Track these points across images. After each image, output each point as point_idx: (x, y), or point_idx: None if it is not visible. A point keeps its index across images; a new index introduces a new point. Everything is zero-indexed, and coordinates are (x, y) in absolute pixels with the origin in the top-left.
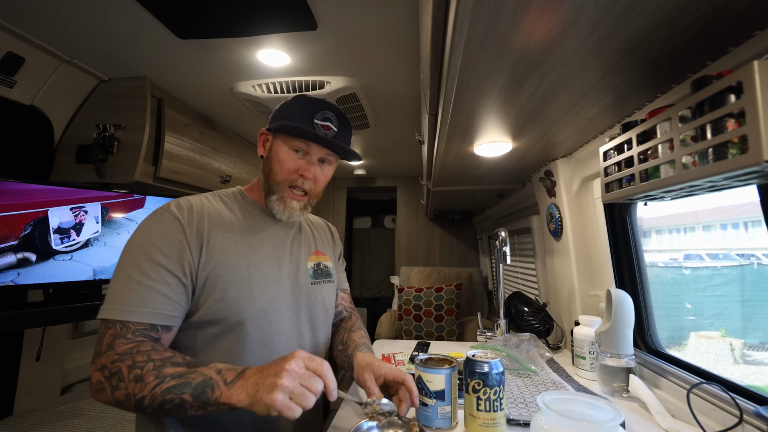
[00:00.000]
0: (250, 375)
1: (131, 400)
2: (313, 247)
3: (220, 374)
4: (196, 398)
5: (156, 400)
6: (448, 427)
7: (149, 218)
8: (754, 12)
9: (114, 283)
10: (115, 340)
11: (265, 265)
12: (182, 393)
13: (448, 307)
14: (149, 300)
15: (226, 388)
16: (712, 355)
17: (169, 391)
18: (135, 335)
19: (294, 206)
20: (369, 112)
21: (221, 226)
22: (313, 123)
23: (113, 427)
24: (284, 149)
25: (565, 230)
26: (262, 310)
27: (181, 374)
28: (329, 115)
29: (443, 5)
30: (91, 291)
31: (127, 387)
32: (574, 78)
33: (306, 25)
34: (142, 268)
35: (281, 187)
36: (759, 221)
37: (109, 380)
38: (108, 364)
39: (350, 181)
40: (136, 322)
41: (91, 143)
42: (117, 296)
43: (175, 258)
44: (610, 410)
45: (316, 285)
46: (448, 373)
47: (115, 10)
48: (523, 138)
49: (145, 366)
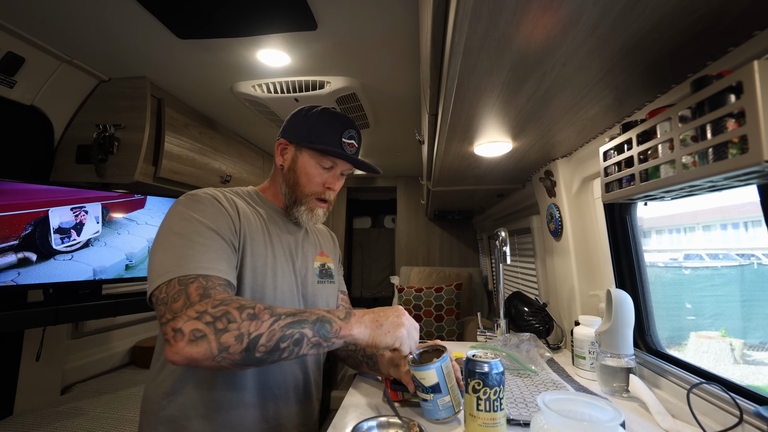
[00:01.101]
0: (361, 314)
1: (243, 340)
2: (318, 248)
3: (330, 313)
4: (316, 332)
5: (274, 336)
6: (453, 415)
7: (189, 198)
8: (754, 12)
9: (170, 249)
10: (207, 290)
11: (283, 260)
12: (302, 328)
13: (448, 307)
14: (220, 261)
15: (343, 323)
16: (712, 355)
17: (289, 326)
18: (221, 288)
19: (320, 213)
20: (369, 112)
21: (247, 216)
22: (342, 142)
23: (113, 427)
24: (312, 164)
25: (565, 230)
26: (281, 300)
27: (293, 313)
28: (353, 134)
29: (443, 5)
30: (91, 291)
31: (239, 327)
32: (574, 78)
33: (306, 25)
34: (202, 234)
35: (309, 199)
36: (759, 221)
37: (214, 324)
38: (209, 309)
39: (350, 181)
40: (217, 276)
41: (91, 143)
42: (184, 257)
43: (229, 228)
44: (610, 410)
45: (321, 284)
46: (438, 366)
47: (115, 10)
48: (523, 138)
49: (255, 306)
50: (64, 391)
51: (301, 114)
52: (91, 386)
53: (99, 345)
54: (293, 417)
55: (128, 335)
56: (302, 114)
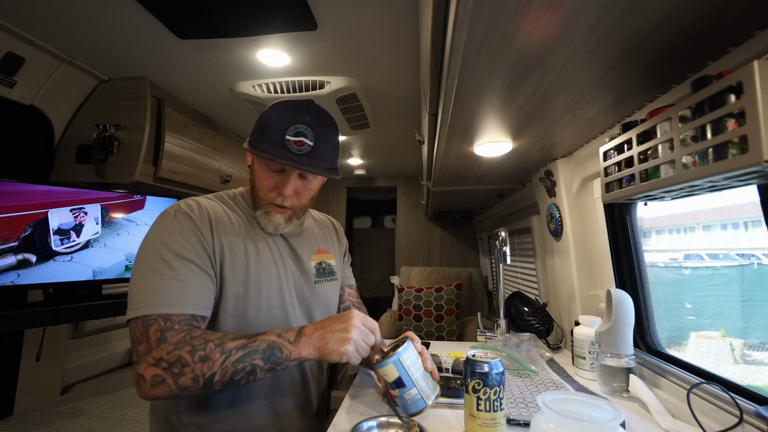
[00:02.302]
0: (310, 332)
1: (199, 381)
2: (315, 245)
3: (281, 337)
4: (267, 361)
5: (227, 372)
6: (424, 408)
7: (161, 219)
8: (754, 12)
9: (140, 282)
10: (164, 333)
11: (270, 264)
12: (253, 360)
13: (448, 307)
14: (185, 293)
15: (293, 346)
16: (712, 355)
17: (239, 360)
18: (181, 325)
19: (278, 220)
20: (369, 112)
21: (227, 225)
22: (285, 140)
23: (113, 427)
24: (262, 166)
25: (565, 230)
26: (268, 307)
27: (244, 345)
28: (302, 129)
29: (443, 5)
30: (91, 291)
31: (193, 369)
32: (574, 78)
33: (306, 25)
34: (169, 264)
35: (265, 204)
36: (759, 221)
37: (170, 369)
38: (164, 355)
39: (350, 181)
40: (178, 314)
41: (91, 143)
42: (149, 293)
43: (198, 251)
44: (610, 410)
45: (319, 284)
46: (395, 360)
47: (115, 10)
48: (523, 138)
49: (206, 347)
50: (64, 391)
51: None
52: (91, 386)
53: (99, 345)
54: (293, 418)
55: (128, 335)
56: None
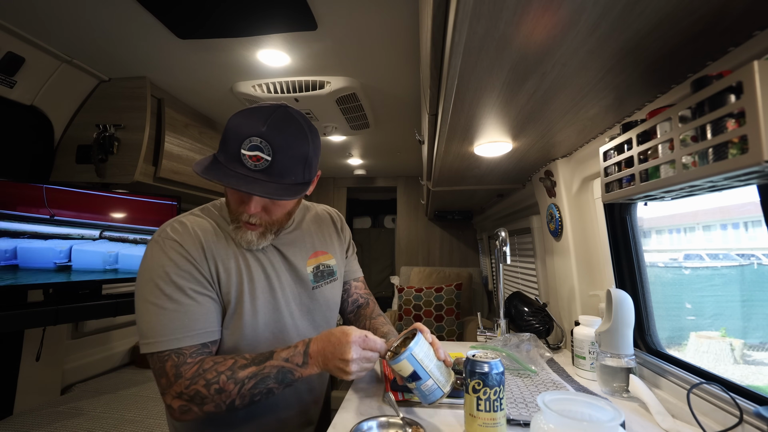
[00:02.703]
0: (314, 353)
1: (222, 407)
2: (311, 248)
3: (289, 361)
4: (281, 383)
5: (246, 397)
6: (442, 395)
7: (151, 250)
8: (754, 12)
9: (146, 317)
10: (179, 369)
11: (261, 279)
12: (267, 385)
13: (448, 307)
14: (191, 323)
15: (302, 369)
16: (712, 355)
17: (255, 387)
18: (194, 357)
19: (250, 237)
20: (369, 112)
21: (217, 244)
22: (240, 155)
23: (113, 427)
24: None
25: (565, 230)
26: (265, 323)
27: (255, 374)
28: (257, 143)
29: (443, 5)
30: (91, 291)
31: (213, 400)
32: (574, 78)
33: (306, 25)
34: (169, 297)
35: (234, 218)
36: (759, 221)
37: (193, 401)
38: (184, 390)
39: (350, 181)
40: (188, 346)
41: (91, 143)
42: (158, 328)
43: (193, 279)
44: (610, 410)
45: (317, 289)
46: (408, 355)
47: (115, 10)
48: (523, 138)
49: (219, 379)
50: (64, 391)
51: None
52: (91, 386)
53: (99, 345)
54: (293, 417)
55: (128, 335)
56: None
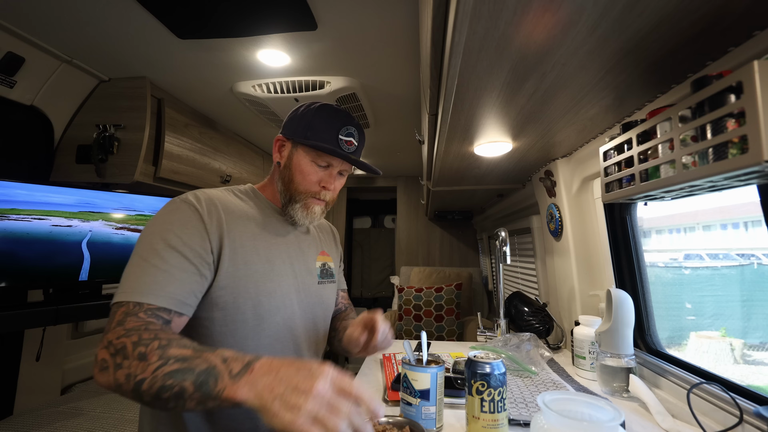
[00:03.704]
0: (260, 372)
1: (130, 381)
2: (319, 247)
3: (226, 363)
4: (198, 388)
5: (155, 384)
6: (432, 430)
7: (166, 208)
8: (753, 12)
9: (129, 268)
10: (126, 317)
11: (280, 263)
12: (183, 380)
13: (448, 307)
14: (165, 284)
15: (231, 381)
16: (712, 355)
17: (171, 375)
18: (147, 314)
19: (317, 210)
20: (369, 112)
21: (239, 219)
22: (338, 139)
23: (113, 427)
24: (307, 161)
25: (565, 230)
26: (277, 306)
27: (185, 357)
28: (352, 131)
29: (443, 5)
30: (91, 291)
31: (129, 366)
32: (574, 78)
33: (306, 25)
34: (159, 254)
35: (304, 197)
36: (759, 221)
37: (114, 357)
38: (114, 339)
39: (350, 181)
40: (149, 303)
41: (91, 143)
42: (132, 281)
43: (194, 246)
44: (610, 410)
45: (321, 285)
46: (434, 373)
47: (115, 10)
48: (523, 138)
49: (150, 344)
50: (64, 391)
51: (300, 110)
52: (91, 386)
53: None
54: None
55: None
56: (301, 110)
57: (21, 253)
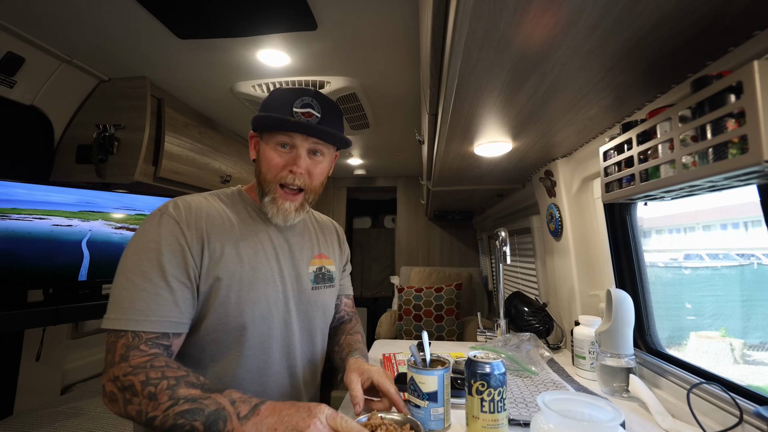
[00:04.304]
0: (265, 414)
1: (142, 417)
2: (316, 250)
3: (234, 405)
4: (207, 428)
5: (167, 422)
6: (441, 429)
7: (148, 222)
8: (754, 12)
9: (118, 290)
10: (129, 351)
11: (266, 269)
12: (194, 420)
13: (448, 307)
14: (158, 308)
15: (239, 423)
16: (712, 355)
17: (181, 415)
18: (148, 346)
19: (287, 208)
20: (369, 112)
21: (221, 228)
22: (293, 112)
23: (113, 427)
24: (270, 146)
25: (565, 230)
26: (262, 316)
27: (195, 398)
28: (309, 101)
29: (443, 5)
30: (91, 291)
31: (140, 403)
32: (574, 78)
33: (306, 25)
34: (146, 275)
35: (272, 187)
36: (759, 221)
37: (123, 393)
38: (121, 376)
39: (350, 181)
40: (147, 331)
41: (91, 143)
42: (124, 304)
43: (178, 263)
44: (610, 410)
45: (316, 290)
46: (441, 375)
47: (114, 10)
48: (523, 138)
49: (159, 384)
50: (64, 391)
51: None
52: (91, 386)
53: (99, 345)
54: None
55: None
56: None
57: (21, 253)
